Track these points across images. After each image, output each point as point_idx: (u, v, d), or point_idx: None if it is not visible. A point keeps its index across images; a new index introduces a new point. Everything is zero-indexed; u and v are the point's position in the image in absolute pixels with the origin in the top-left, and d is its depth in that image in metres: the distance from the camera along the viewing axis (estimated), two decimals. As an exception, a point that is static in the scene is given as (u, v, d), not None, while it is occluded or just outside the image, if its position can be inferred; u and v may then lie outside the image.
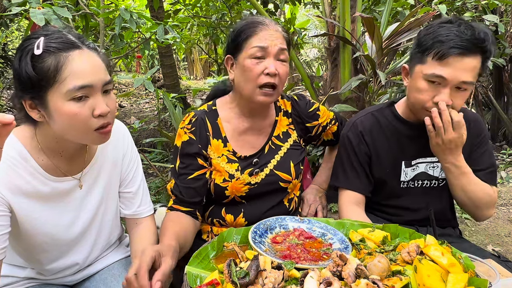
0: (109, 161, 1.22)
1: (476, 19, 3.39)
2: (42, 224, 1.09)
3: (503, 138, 4.70)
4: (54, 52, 0.94)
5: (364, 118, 1.48)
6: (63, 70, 0.94)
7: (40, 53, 0.93)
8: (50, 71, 0.93)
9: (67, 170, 1.12)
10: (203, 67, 12.34)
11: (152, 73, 2.85)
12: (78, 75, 0.95)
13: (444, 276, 0.81)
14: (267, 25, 1.29)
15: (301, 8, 6.64)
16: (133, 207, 1.29)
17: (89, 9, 2.52)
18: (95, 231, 1.23)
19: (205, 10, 4.78)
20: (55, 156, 1.08)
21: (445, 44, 1.21)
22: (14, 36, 8.40)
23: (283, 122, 1.47)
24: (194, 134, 1.35)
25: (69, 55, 0.95)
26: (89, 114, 0.97)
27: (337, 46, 2.95)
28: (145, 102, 8.03)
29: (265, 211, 1.39)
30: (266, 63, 1.25)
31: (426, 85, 1.26)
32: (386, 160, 1.44)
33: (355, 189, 1.45)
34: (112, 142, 1.19)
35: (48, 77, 0.93)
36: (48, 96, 0.95)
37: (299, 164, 1.46)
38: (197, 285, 0.85)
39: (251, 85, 1.27)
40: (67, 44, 0.96)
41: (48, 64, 0.93)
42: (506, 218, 3.14)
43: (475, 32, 1.20)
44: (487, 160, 1.45)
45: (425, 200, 1.43)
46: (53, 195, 1.10)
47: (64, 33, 0.99)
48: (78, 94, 0.95)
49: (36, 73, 0.93)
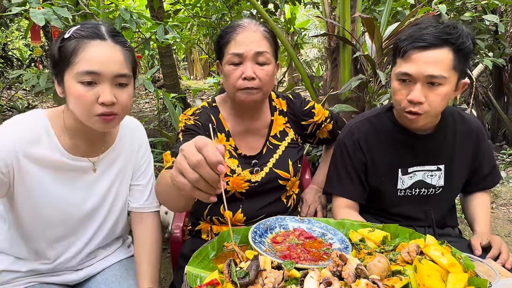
0: (126, 151, 1.28)
1: (476, 19, 3.39)
2: (53, 196, 1.14)
3: (503, 138, 4.70)
4: (78, 38, 1.03)
5: (361, 124, 1.45)
6: (77, 54, 1.02)
7: (67, 36, 1.04)
8: (68, 53, 1.03)
9: (85, 152, 1.18)
10: (203, 67, 12.35)
11: (152, 73, 2.86)
12: (89, 61, 1.02)
13: (444, 276, 0.81)
14: (245, 27, 1.28)
15: (301, 8, 6.64)
16: (140, 200, 1.31)
17: (89, 9, 2.52)
18: (102, 216, 1.26)
19: (205, 10, 4.78)
20: (76, 137, 1.15)
21: (405, 41, 1.22)
22: (14, 36, 8.40)
23: (279, 121, 1.48)
24: (200, 121, 1.36)
25: (89, 42, 1.03)
26: (93, 100, 1.03)
27: (337, 46, 2.95)
28: (145, 102, 8.03)
29: (262, 207, 1.40)
30: (243, 68, 1.26)
31: (398, 85, 1.26)
32: (382, 168, 1.42)
33: (349, 197, 1.44)
34: (129, 134, 1.29)
35: (65, 58, 1.03)
36: (65, 75, 1.04)
37: (297, 162, 1.47)
38: (197, 285, 0.85)
39: (232, 89, 1.30)
40: (93, 34, 1.04)
41: (70, 47, 1.03)
42: (506, 218, 3.14)
43: (439, 27, 1.19)
44: (490, 162, 1.47)
45: (423, 208, 1.38)
46: (67, 171, 1.15)
47: (99, 25, 1.08)
48: (86, 79, 1.02)
49: (58, 53, 1.05)
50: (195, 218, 1.49)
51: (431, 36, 1.18)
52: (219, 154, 0.74)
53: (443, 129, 1.39)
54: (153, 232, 1.32)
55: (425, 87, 1.21)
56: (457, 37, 1.18)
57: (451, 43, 1.18)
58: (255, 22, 1.32)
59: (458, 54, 1.19)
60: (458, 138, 1.41)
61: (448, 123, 1.40)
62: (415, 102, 1.22)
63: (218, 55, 1.35)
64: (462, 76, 1.25)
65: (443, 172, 1.41)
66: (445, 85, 1.20)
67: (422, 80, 1.20)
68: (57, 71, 1.07)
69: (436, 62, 1.18)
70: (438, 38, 1.17)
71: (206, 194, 0.78)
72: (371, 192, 1.46)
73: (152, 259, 1.28)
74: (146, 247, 1.29)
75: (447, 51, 1.18)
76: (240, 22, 1.31)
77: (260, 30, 1.29)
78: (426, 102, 1.21)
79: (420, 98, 1.20)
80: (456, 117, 1.43)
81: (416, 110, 1.23)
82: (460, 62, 1.21)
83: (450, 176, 1.42)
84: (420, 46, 1.19)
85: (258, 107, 1.42)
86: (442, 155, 1.40)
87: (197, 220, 1.48)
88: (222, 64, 1.33)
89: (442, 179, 1.41)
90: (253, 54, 1.26)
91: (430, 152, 1.39)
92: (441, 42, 1.18)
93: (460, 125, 1.42)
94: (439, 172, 1.41)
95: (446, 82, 1.20)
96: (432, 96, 1.21)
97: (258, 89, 1.28)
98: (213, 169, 0.74)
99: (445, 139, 1.39)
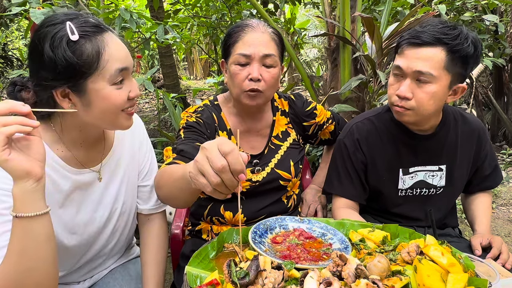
0: (127, 151, 1.20)
1: (476, 19, 3.39)
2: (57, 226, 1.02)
3: (503, 138, 4.70)
4: (90, 36, 0.90)
5: (361, 124, 1.45)
6: (103, 55, 0.90)
7: (77, 38, 0.88)
8: (92, 57, 0.89)
9: (85, 162, 1.08)
10: (203, 67, 12.34)
11: (152, 73, 2.85)
12: (117, 58, 0.93)
13: (444, 276, 0.81)
14: (253, 27, 1.28)
15: (301, 8, 6.64)
16: (150, 202, 1.27)
17: (89, 9, 2.52)
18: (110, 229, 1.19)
19: (205, 10, 4.78)
20: (74, 146, 1.05)
21: (403, 37, 1.25)
22: (14, 36, 8.40)
23: (281, 121, 1.48)
24: (202, 119, 1.35)
25: (102, 38, 0.91)
26: (127, 96, 0.96)
27: (337, 46, 2.95)
28: (145, 102, 8.03)
29: (263, 207, 1.40)
30: (249, 69, 1.26)
31: (392, 80, 1.28)
32: (382, 168, 1.42)
33: (349, 197, 1.44)
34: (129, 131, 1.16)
35: (90, 63, 0.89)
36: (89, 82, 0.91)
37: (298, 163, 1.47)
38: (197, 285, 0.85)
39: (237, 89, 1.29)
40: (98, 28, 0.92)
41: (88, 49, 0.89)
42: (506, 218, 3.14)
43: (438, 26, 1.20)
44: (491, 162, 1.47)
45: (424, 208, 1.40)
46: (73, 190, 1.06)
47: (85, 16, 0.94)
48: (119, 78, 0.93)
49: (78, 60, 0.88)
50: (195, 218, 1.49)
51: (426, 35, 1.19)
52: (243, 163, 0.75)
53: (445, 129, 1.39)
54: (160, 233, 1.28)
55: (414, 84, 1.22)
56: (453, 38, 1.18)
57: (445, 43, 1.18)
58: (263, 23, 1.31)
59: (452, 55, 1.19)
60: (459, 139, 1.41)
61: (450, 123, 1.40)
62: (401, 97, 1.24)
63: (224, 54, 1.34)
64: (458, 80, 1.25)
65: (445, 173, 1.41)
66: (434, 84, 1.20)
67: (411, 76, 1.22)
68: (72, 82, 0.91)
69: (426, 59, 1.19)
70: (432, 36, 1.19)
71: (223, 195, 0.80)
72: (371, 192, 1.46)
73: (158, 261, 1.25)
74: (153, 249, 1.26)
75: (440, 50, 1.19)
76: (248, 22, 1.31)
77: (268, 32, 1.30)
78: (413, 99, 1.23)
79: (406, 93, 1.22)
80: (457, 118, 1.43)
81: (403, 104, 1.24)
82: (455, 64, 1.20)
83: (451, 176, 1.41)
84: (414, 43, 1.21)
85: (260, 109, 1.42)
86: (444, 155, 1.40)
87: (197, 220, 1.48)
88: (227, 63, 1.32)
89: (443, 180, 1.41)
90: (261, 56, 1.26)
91: (431, 152, 1.39)
92: (435, 41, 1.19)
93: (461, 125, 1.42)
94: (440, 172, 1.41)
95: (435, 80, 1.20)
96: (419, 93, 1.22)
97: (262, 92, 1.28)
98: (234, 176, 0.75)
99: (446, 139, 1.39)
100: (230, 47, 1.29)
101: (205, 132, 1.33)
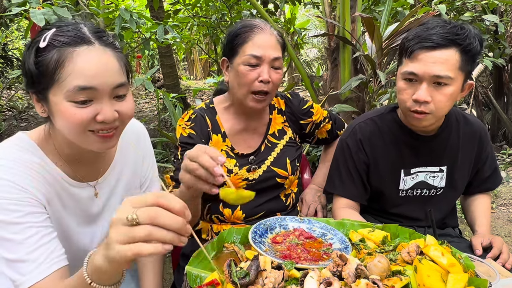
0: (130, 166, 1.14)
1: (476, 19, 3.39)
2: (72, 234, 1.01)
3: (503, 138, 4.70)
4: (58, 47, 0.83)
5: (364, 124, 1.44)
6: (64, 68, 0.82)
7: (45, 46, 0.83)
8: (51, 67, 0.83)
9: (84, 176, 1.03)
10: (203, 67, 12.34)
11: (152, 73, 2.86)
12: (81, 75, 0.83)
13: (444, 276, 0.81)
14: (262, 28, 1.29)
15: (301, 8, 6.64)
16: None
17: (89, 9, 2.52)
18: None
19: (205, 10, 4.78)
20: (73, 162, 0.99)
21: (413, 41, 1.22)
22: (14, 36, 8.40)
23: (278, 120, 1.48)
24: (195, 130, 1.36)
25: (74, 50, 0.83)
26: (90, 118, 0.86)
27: (337, 46, 2.95)
28: (145, 102, 8.03)
29: (261, 204, 1.41)
30: (259, 70, 1.27)
31: (404, 85, 1.25)
32: (384, 169, 1.41)
33: (350, 197, 1.44)
34: (134, 143, 1.14)
35: (48, 73, 0.83)
36: (50, 93, 0.85)
37: (295, 161, 1.47)
38: (197, 285, 0.85)
39: (244, 90, 1.30)
40: (76, 38, 0.85)
41: (51, 59, 0.83)
42: (506, 218, 3.14)
43: (447, 27, 1.19)
44: (491, 164, 1.47)
45: (424, 209, 1.39)
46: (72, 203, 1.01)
47: (80, 26, 0.88)
48: (80, 98, 0.84)
49: (36, 68, 0.84)
50: (195, 218, 1.49)
51: (438, 37, 1.17)
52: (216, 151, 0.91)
53: (447, 130, 1.39)
54: None
55: (431, 87, 1.20)
56: (464, 38, 1.18)
57: (458, 43, 1.17)
58: (269, 25, 1.33)
59: (465, 55, 1.19)
60: (461, 140, 1.41)
61: (452, 124, 1.40)
62: (421, 102, 1.21)
63: (229, 53, 1.34)
64: (468, 77, 1.25)
65: (445, 174, 1.41)
66: (451, 86, 1.20)
67: (428, 80, 1.20)
68: (36, 90, 0.87)
69: (443, 62, 1.17)
70: (445, 38, 1.17)
71: (208, 185, 0.91)
72: (372, 193, 1.46)
73: (156, 268, 1.22)
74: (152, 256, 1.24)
75: (454, 51, 1.18)
76: (254, 22, 1.32)
77: (274, 34, 1.32)
78: (432, 102, 1.21)
79: (426, 97, 1.20)
80: (459, 119, 1.42)
81: (422, 109, 1.22)
82: (467, 63, 1.20)
83: (452, 177, 1.41)
84: (428, 46, 1.18)
85: (260, 109, 1.42)
86: (445, 157, 1.40)
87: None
88: (232, 62, 1.32)
89: (444, 180, 1.41)
90: (271, 59, 1.28)
91: (433, 153, 1.39)
92: (448, 43, 1.17)
93: (463, 126, 1.42)
94: (441, 173, 1.41)
95: (452, 82, 1.19)
96: (438, 96, 1.21)
97: (270, 94, 1.31)
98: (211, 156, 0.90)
99: (448, 140, 1.39)
100: (238, 47, 1.30)
101: (199, 142, 1.34)
